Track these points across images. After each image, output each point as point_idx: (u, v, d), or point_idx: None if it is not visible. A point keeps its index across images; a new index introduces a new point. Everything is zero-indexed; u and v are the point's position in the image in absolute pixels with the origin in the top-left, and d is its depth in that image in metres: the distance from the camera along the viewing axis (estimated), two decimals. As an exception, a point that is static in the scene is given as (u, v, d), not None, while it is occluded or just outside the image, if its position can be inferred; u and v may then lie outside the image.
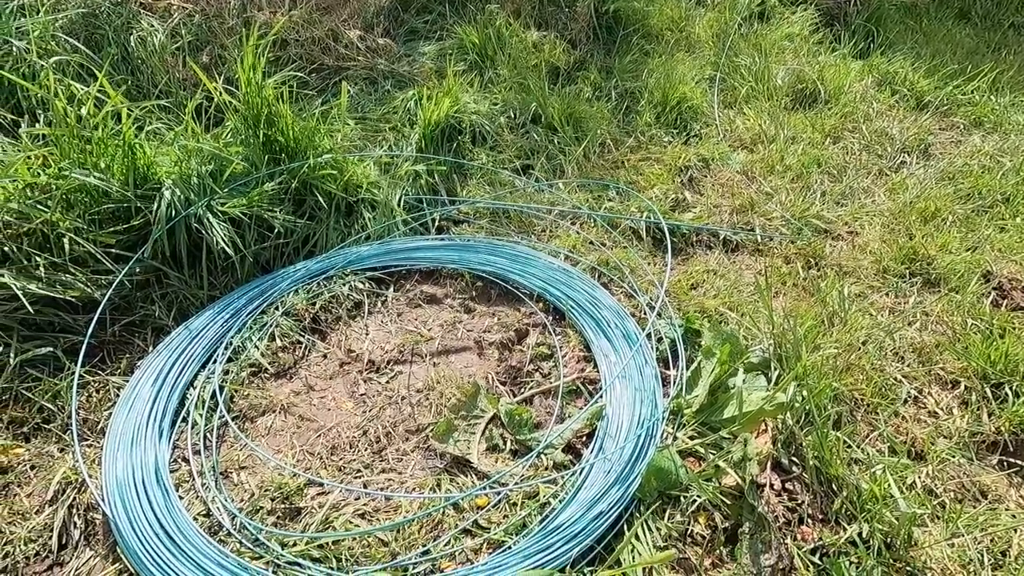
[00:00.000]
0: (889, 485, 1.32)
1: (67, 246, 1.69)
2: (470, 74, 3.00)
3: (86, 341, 1.67)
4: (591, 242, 2.27)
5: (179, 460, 1.52)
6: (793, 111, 3.25)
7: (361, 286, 2.02)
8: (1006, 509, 1.40)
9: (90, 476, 1.43)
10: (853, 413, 1.59)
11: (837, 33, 4.05)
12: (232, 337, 1.79)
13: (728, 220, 2.41)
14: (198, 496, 1.42)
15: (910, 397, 1.64)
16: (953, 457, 1.50)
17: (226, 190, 1.94)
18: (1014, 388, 1.58)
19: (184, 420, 1.60)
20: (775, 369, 1.59)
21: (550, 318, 1.94)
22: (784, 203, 2.47)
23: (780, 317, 1.73)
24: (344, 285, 2.00)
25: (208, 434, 1.56)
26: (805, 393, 1.48)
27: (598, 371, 1.72)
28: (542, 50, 3.31)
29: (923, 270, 2.11)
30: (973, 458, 1.51)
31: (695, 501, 1.34)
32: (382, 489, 1.45)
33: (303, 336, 1.86)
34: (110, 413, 1.58)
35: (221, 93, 1.96)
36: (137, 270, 1.82)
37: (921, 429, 1.56)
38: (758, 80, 3.40)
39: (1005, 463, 1.51)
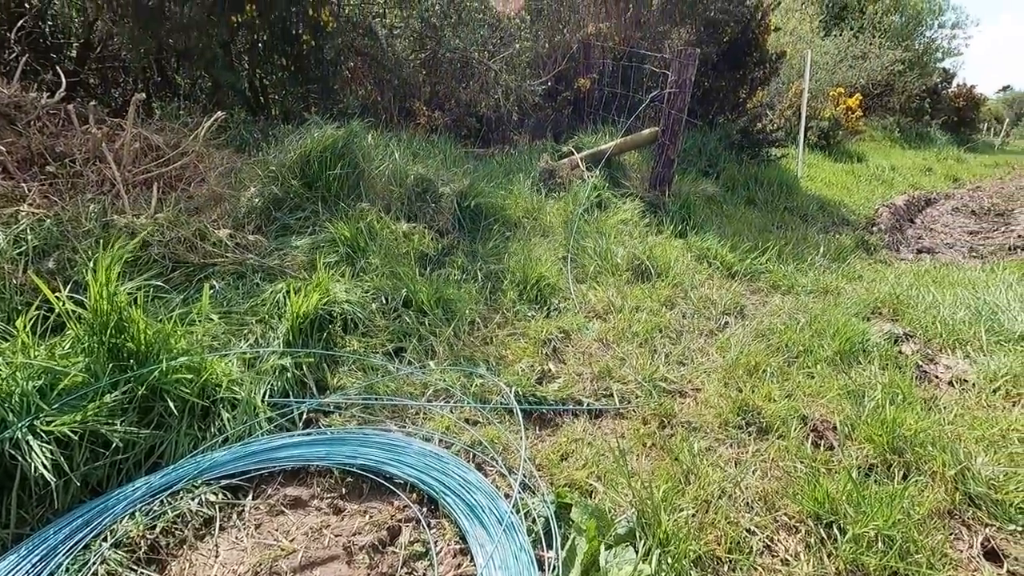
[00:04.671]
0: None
1: None
2: (342, 265, 3.16)
3: None
4: (466, 420, 2.32)
5: None
6: (634, 284, 3.76)
7: (213, 498, 1.84)
8: (863, 653, 1.47)
9: None
10: (717, 572, 1.65)
11: (660, 218, 4.92)
12: (39, 586, 1.50)
13: (590, 387, 2.61)
14: None
15: (763, 547, 1.76)
16: (810, 605, 1.59)
17: (56, 406, 1.76)
18: (840, 527, 1.77)
19: None
20: (641, 538, 1.64)
21: (424, 510, 1.88)
22: (636, 367, 2.76)
23: (638, 483, 1.84)
24: (193, 499, 1.81)
25: None
26: (670, 560, 1.53)
27: (475, 563, 1.66)
28: (412, 239, 3.61)
29: (755, 420, 2.40)
30: (827, 603, 1.61)
31: None
32: None
33: (136, 570, 1.61)
34: None
35: (64, 303, 1.88)
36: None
37: (779, 580, 1.66)
38: (602, 259, 3.96)
39: (853, 603, 1.63)
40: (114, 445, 1.82)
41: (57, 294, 1.95)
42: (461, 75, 6.40)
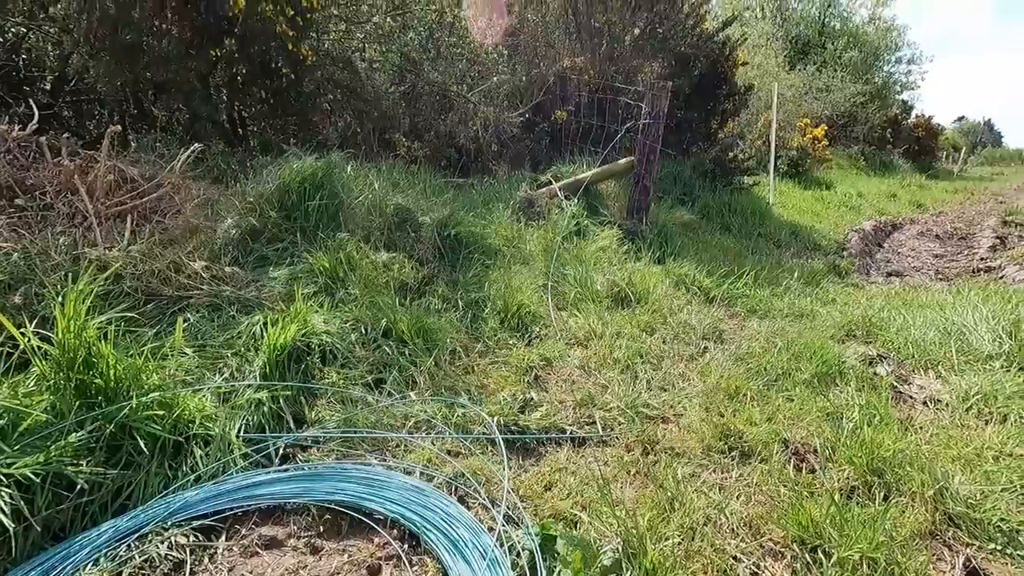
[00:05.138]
0: None
1: None
2: (321, 295, 3.13)
3: None
4: (448, 451, 2.28)
5: None
6: (614, 310, 3.79)
7: (184, 541, 1.76)
8: None
9: None
10: (706, 603, 1.63)
11: (638, 245, 4.99)
12: (-7, 642, 1.41)
13: (572, 415, 2.59)
14: None
15: (750, 574, 1.74)
16: (799, 633, 1.57)
17: (17, 447, 1.69)
18: (825, 551, 1.76)
19: None
20: (627, 568, 1.62)
21: (405, 546, 1.82)
22: (618, 394, 2.75)
23: (623, 512, 1.82)
24: (163, 543, 1.73)
25: None
26: (657, 591, 1.51)
27: (459, 602, 1.61)
28: (392, 269, 3.59)
29: (738, 444, 2.40)
30: (815, 630, 1.59)
31: None
32: None
33: (99, 621, 1.52)
34: None
35: (29, 339, 1.82)
36: None
37: (767, 608, 1.64)
38: (582, 286, 3.98)
39: (842, 629, 1.62)
40: (79, 487, 1.74)
41: (22, 330, 1.89)
42: (440, 107, 6.51)
